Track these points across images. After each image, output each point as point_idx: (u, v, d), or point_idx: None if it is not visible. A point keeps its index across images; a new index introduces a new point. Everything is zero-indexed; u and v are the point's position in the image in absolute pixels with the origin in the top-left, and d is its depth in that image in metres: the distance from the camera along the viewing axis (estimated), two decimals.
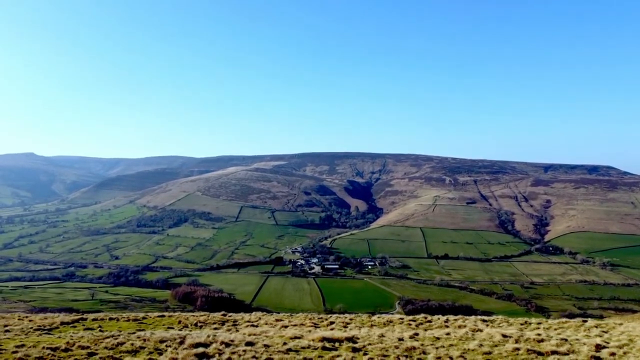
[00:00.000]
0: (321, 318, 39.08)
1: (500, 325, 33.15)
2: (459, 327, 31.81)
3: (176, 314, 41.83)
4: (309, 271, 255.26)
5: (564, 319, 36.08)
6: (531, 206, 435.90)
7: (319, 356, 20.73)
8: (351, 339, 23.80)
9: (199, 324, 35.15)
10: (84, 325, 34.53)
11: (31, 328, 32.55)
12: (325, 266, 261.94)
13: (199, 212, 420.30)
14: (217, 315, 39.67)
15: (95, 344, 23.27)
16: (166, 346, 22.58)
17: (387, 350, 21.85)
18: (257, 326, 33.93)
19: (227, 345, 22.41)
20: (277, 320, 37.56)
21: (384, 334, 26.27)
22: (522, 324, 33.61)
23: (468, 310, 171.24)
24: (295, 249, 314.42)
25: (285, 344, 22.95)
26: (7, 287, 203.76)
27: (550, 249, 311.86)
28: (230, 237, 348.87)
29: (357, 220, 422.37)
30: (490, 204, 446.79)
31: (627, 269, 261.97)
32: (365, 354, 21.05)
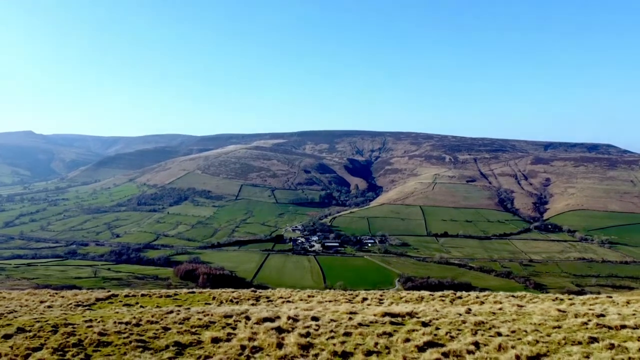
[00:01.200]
0: (351, 294, 38.93)
1: (534, 301, 32.68)
2: (495, 302, 31.32)
3: (206, 290, 41.69)
4: (310, 249, 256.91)
5: (593, 295, 35.91)
6: (531, 184, 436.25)
7: (394, 330, 20.32)
8: (411, 314, 23.35)
9: (234, 300, 34.90)
10: (121, 301, 34.30)
11: (70, 304, 32.38)
12: (326, 244, 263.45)
13: (199, 190, 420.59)
14: (247, 292, 39.50)
15: (162, 319, 23.05)
16: (234, 321, 22.30)
17: (456, 325, 21.41)
18: (292, 302, 33.59)
19: (295, 320, 22.15)
20: (309, 296, 37.10)
21: (437, 309, 25.79)
22: (553, 300, 33.28)
23: (467, 287, 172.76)
24: (296, 227, 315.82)
25: (350, 318, 22.55)
26: (10, 264, 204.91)
27: (549, 227, 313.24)
28: (230, 216, 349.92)
29: (357, 198, 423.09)
30: (490, 182, 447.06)
31: (625, 247, 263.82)
32: (437, 329, 20.54)
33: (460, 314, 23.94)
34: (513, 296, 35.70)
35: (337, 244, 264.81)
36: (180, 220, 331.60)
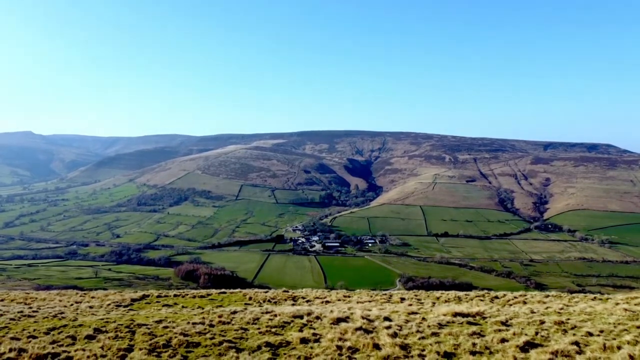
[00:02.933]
0: (385, 294, 38.65)
1: (574, 300, 31.66)
2: (539, 302, 30.47)
3: (236, 290, 41.31)
4: (310, 249, 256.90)
5: (632, 294, 35.58)
6: (530, 184, 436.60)
7: (480, 330, 19.81)
8: (481, 314, 22.79)
9: (272, 300, 34.52)
10: (158, 302, 33.88)
11: (109, 304, 32.16)
12: (326, 244, 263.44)
13: (199, 190, 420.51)
14: (280, 292, 39.13)
15: (231, 320, 22.75)
16: (307, 321, 21.94)
17: (535, 324, 20.78)
18: (331, 302, 33.17)
19: (369, 320, 21.72)
20: (344, 296, 36.52)
21: (500, 309, 25.25)
22: (593, 299, 32.77)
23: (468, 287, 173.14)
24: (296, 227, 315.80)
25: (424, 319, 22.12)
26: (11, 265, 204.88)
27: (550, 226, 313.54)
28: (230, 216, 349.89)
29: (357, 198, 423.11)
30: (490, 182, 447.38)
31: (626, 247, 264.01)
32: (522, 329, 19.94)
33: (527, 314, 23.36)
34: (547, 296, 35.08)
35: (337, 244, 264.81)
36: (181, 221, 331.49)
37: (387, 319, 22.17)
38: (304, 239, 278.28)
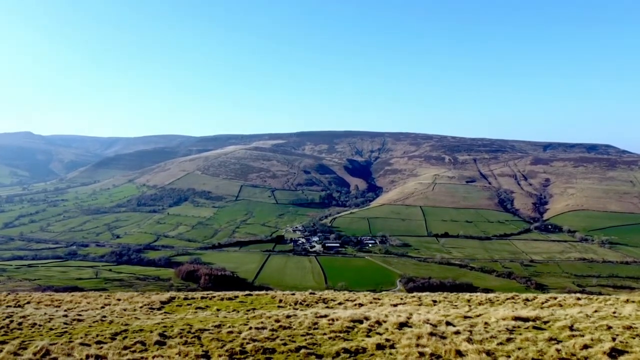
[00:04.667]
0: (414, 296, 38.37)
1: (609, 302, 31.24)
2: (574, 304, 30.18)
3: (262, 292, 41.12)
4: (310, 250, 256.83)
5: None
6: (530, 185, 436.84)
7: (554, 336, 19.24)
8: (539, 318, 22.40)
9: (303, 303, 34.41)
10: (189, 304, 33.82)
11: (142, 307, 32.25)
12: (326, 245, 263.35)
13: (199, 191, 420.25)
14: (307, 294, 38.82)
15: (290, 325, 22.46)
16: (369, 326, 21.54)
17: (602, 329, 20.21)
18: (363, 304, 32.97)
19: (433, 325, 21.34)
20: (374, 298, 36.30)
21: (552, 313, 24.83)
22: (625, 302, 32.59)
23: (469, 288, 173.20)
24: (296, 227, 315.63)
25: (487, 324, 21.65)
26: (11, 265, 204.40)
27: (550, 227, 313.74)
28: (230, 216, 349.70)
29: (357, 199, 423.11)
30: (490, 183, 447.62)
31: (626, 247, 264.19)
32: (591, 334, 19.42)
33: (585, 318, 23.00)
34: (579, 298, 34.52)
35: (337, 245, 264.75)
36: (181, 221, 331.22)
37: (449, 323, 21.84)
38: (304, 240, 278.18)
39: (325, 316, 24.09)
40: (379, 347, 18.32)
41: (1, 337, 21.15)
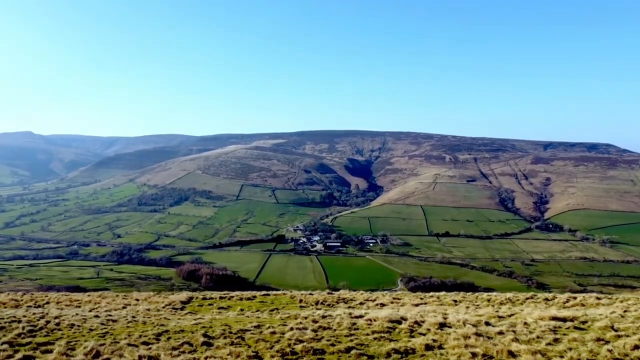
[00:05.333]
0: (432, 295, 38.24)
1: (631, 301, 31.28)
2: (597, 304, 30.10)
3: (279, 292, 41.02)
4: (311, 249, 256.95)
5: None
6: (531, 184, 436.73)
7: (601, 337, 19.02)
8: (574, 319, 22.26)
9: (324, 302, 34.35)
10: (210, 304, 33.97)
11: (164, 307, 32.48)
12: (327, 244, 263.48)
13: (200, 190, 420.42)
14: (324, 294, 38.83)
15: (329, 325, 22.37)
16: (409, 326, 21.49)
17: None
18: (385, 305, 32.97)
19: (473, 325, 21.16)
20: (394, 298, 36.24)
21: (585, 312, 24.62)
22: None
23: (470, 287, 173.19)
24: (297, 227, 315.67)
25: (526, 323, 21.61)
26: (13, 265, 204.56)
27: (550, 226, 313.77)
28: (231, 216, 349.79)
29: (358, 198, 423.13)
30: (491, 182, 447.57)
31: (627, 246, 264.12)
32: (628, 335, 19.17)
33: (621, 318, 22.93)
34: (599, 298, 34.30)
35: (338, 244, 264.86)
36: (182, 221, 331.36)
37: (488, 323, 21.79)
38: (305, 239, 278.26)
39: (361, 316, 24.01)
40: (428, 347, 18.27)
41: (44, 337, 21.11)
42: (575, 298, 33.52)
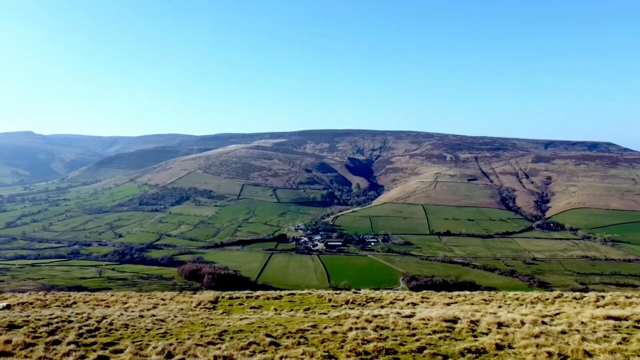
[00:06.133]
0: (459, 295, 37.77)
1: None
2: (630, 304, 29.67)
3: (305, 291, 40.41)
4: (313, 248, 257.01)
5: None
6: (532, 183, 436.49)
7: None
8: (628, 318, 21.99)
9: (354, 302, 34.46)
10: (241, 304, 34.03)
11: (198, 306, 32.82)
12: (329, 243, 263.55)
13: (201, 190, 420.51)
14: (350, 293, 38.72)
15: (387, 325, 22.26)
16: (468, 326, 21.40)
17: None
18: (415, 304, 33.03)
19: (530, 324, 21.10)
20: (423, 297, 35.99)
21: (632, 311, 24.36)
22: None
23: (472, 286, 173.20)
24: (298, 226, 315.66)
25: (584, 323, 21.51)
26: (15, 265, 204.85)
27: (552, 225, 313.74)
28: (232, 215, 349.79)
29: (359, 197, 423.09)
30: (491, 181, 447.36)
31: (628, 245, 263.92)
32: None
33: None
34: (629, 297, 34.11)
35: (340, 243, 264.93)
36: (183, 220, 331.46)
37: (544, 323, 21.70)
38: (306, 238, 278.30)
39: (410, 316, 23.93)
40: (498, 347, 18.10)
41: (105, 338, 21.05)
42: (603, 297, 33.17)
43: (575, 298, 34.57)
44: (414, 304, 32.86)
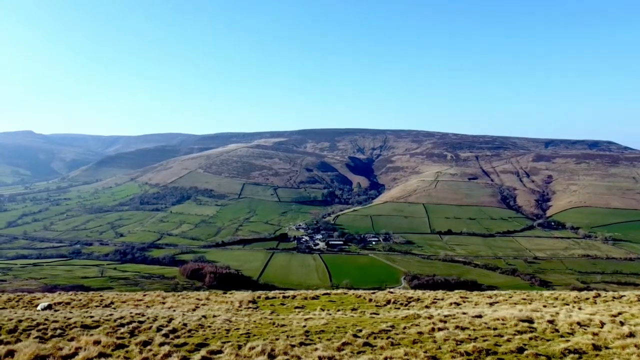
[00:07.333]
0: (496, 294, 37.88)
1: None
2: None
3: (340, 291, 40.67)
4: (314, 247, 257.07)
5: None
6: (533, 181, 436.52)
7: None
8: None
9: (397, 302, 34.80)
10: (283, 304, 34.21)
11: (240, 307, 33.04)
12: (330, 242, 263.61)
13: (202, 189, 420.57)
14: (385, 293, 38.98)
15: (468, 327, 22.10)
16: (549, 326, 21.54)
17: None
18: (458, 304, 33.18)
19: (610, 323, 21.46)
20: (461, 297, 36.13)
21: None
22: None
23: (473, 285, 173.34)
24: (299, 225, 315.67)
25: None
26: (16, 264, 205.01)
27: (553, 224, 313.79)
28: (233, 214, 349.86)
29: (360, 196, 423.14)
30: (492, 180, 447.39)
31: (629, 244, 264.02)
32: None
33: None
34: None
35: (341, 242, 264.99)
36: (184, 220, 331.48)
37: (622, 323, 21.82)
38: (307, 238, 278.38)
39: (479, 316, 23.93)
40: (595, 347, 18.19)
41: (189, 338, 20.95)
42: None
43: (613, 297, 34.73)
44: (457, 304, 32.96)
